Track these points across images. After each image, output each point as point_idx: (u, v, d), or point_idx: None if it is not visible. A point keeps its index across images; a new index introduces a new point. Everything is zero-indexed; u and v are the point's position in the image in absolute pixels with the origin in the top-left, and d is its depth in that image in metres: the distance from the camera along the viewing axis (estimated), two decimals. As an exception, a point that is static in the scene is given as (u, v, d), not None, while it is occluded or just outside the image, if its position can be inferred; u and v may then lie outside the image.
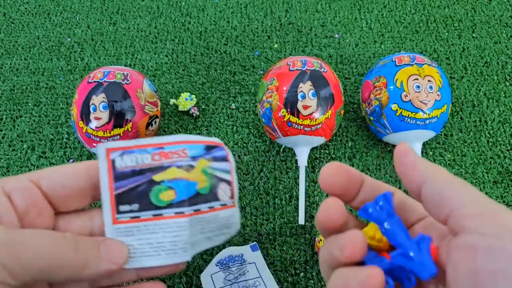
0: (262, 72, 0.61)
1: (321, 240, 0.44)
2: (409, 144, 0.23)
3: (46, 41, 0.66)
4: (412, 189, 0.21)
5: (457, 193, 0.19)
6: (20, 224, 0.21)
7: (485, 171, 0.51)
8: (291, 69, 0.48)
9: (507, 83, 0.58)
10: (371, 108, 0.50)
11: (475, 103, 0.57)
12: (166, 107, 0.57)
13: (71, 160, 0.53)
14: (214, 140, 0.26)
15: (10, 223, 0.21)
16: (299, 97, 0.46)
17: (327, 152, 0.53)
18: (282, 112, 0.47)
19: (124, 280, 0.25)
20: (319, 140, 0.49)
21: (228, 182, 0.26)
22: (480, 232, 0.17)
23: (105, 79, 0.47)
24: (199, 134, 0.55)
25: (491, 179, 0.51)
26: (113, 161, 0.23)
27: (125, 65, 0.62)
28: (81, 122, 0.46)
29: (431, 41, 0.63)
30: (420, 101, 0.46)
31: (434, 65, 0.49)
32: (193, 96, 0.57)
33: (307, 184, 0.50)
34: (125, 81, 0.47)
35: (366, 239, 0.22)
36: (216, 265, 0.43)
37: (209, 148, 0.25)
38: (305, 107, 0.46)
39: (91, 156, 0.53)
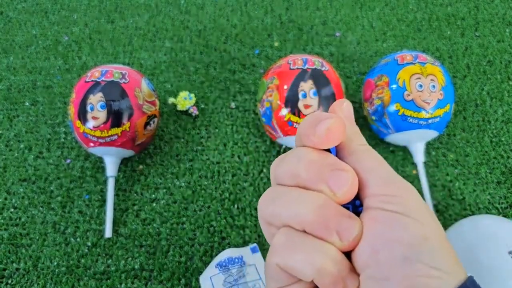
0: (262, 70, 0.60)
1: None
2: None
3: (43, 40, 0.65)
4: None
5: (366, 170, 0.21)
6: None
7: (488, 171, 0.51)
8: (291, 67, 0.47)
9: (511, 82, 0.58)
10: (373, 108, 0.49)
11: (478, 102, 0.56)
12: (164, 107, 0.57)
13: (68, 161, 0.52)
14: None
15: None
16: (300, 96, 0.46)
17: (328, 152, 0.52)
18: (283, 111, 0.46)
19: None
20: (320, 140, 0.48)
21: None
22: (381, 208, 0.20)
23: (102, 78, 0.46)
24: (198, 134, 0.54)
25: (495, 180, 0.50)
26: None
27: (123, 64, 0.61)
28: (78, 121, 0.46)
29: (433, 39, 0.62)
30: (423, 101, 0.46)
31: (437, 63, 0.48)
32: (192, 95, 0.56)
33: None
34: (123, 80, 0.47)
35: None
36: (216, 267, 0.43)
37: None
38: (306, 106, 0.46)
39: (88, 156, 0.53)
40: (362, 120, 0.55)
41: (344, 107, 0.22)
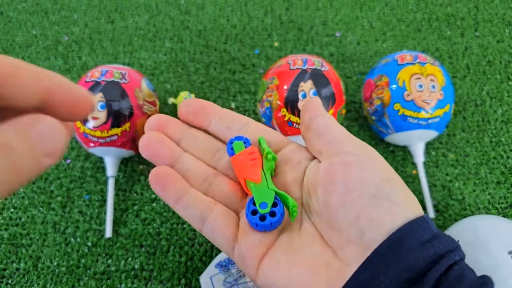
0: (262, 71, 0.60)
1: None
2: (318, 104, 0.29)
3: (43, 40, 0.65)
4: (305, 121, 0.28)
5: (336, 128, 0.27)
6: None
7: (488, 171, 0.51)
8: (291, 67, 0.47)
9: (510, 82, 0.58)
10: (373, 108, 0.49)
11: (478, 102, 0.56)
12: (164, 107, 0.57)
13: (68, 161, 0.52)
14: None
15: None
16: (299, 96, 0.46)
17: (328, 152, 0.52)
18: (283, 112, 0.46)
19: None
20: (320, 140, 0.48)
21: None
22: (352, 153, 0.25)
23: (102, 78, 0.46)
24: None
25: (494, 180, 0.50)
26: None
27: (123, 64, 0.62)
28: (78, 121, 0.46)
29: (433, 39, 0.62)
30: (423, 101, 0.46)
31: (436, 64, 0.48)
32: (192, 95, 0.56)
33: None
34: (123, 80, 0.47)
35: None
36: (216, 267, 0.43)
37: None
38: (306, 107, 0.46)
39: (88, 156, 0.53)
40: (362, 120, 0.55)
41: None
